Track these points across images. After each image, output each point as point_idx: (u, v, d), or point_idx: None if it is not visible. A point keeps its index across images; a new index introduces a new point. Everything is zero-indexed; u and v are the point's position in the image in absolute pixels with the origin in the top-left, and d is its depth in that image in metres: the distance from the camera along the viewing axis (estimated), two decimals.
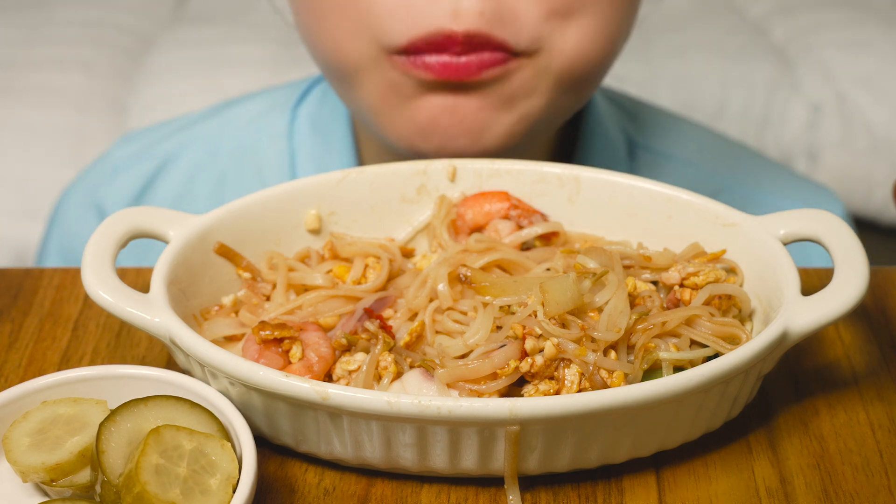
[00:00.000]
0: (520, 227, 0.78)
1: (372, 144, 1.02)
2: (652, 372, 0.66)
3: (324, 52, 0.88)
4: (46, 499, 0.64)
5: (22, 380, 0.74)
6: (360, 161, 1.04)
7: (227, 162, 1.10)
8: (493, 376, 0.65)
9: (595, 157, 1.04)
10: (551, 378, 0.66)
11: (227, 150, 1.10)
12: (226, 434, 0.63)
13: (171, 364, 0.75)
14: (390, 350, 0.69)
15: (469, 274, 0.71)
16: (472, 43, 0.80)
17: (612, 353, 0.67)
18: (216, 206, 1.05)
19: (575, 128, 1.06)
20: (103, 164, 1.14)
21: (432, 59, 0.81)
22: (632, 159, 1.09)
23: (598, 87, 0.93)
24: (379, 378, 0.68)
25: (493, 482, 0.66)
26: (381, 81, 0.85)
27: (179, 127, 1.15)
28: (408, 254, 0.79)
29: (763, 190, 1.10)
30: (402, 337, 0.70)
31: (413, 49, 0.82)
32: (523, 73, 0.84)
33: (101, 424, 0.61)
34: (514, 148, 0.90)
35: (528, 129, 0.87)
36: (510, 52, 0.82)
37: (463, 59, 0.81)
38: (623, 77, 2.05)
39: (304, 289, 0.75)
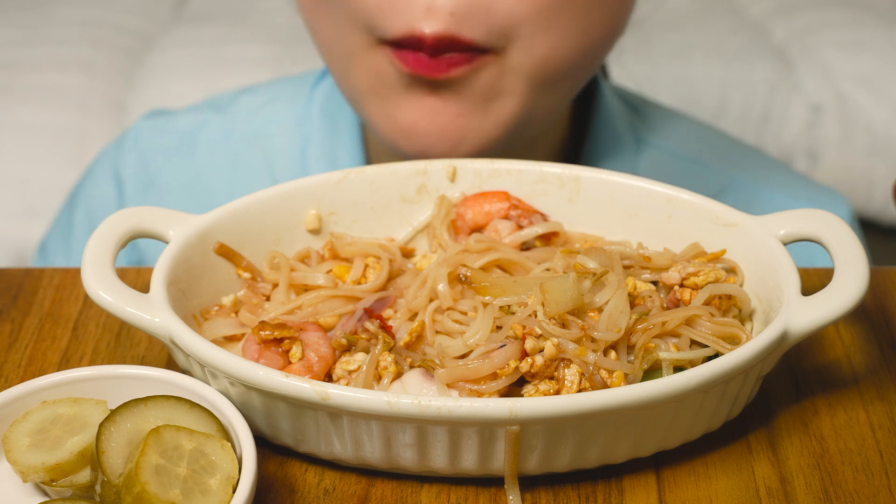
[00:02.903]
0: (520, 227, 0.78)
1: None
2: (652, 372, 0.66)
3: (320, 39, 0.91)
4: (46, 499, 0.64)
5: (22, 380, 0.74)
6: (367, 150, 1.05)
7: (240, 147, 1.11)
8: (493, 376, 0.65)
9: (603, 152, 1.05)
10: (551, 378, 0.66)
11: (240, 135, 1.11)
12: (226, 434, 0.63)
13: (171, 364, 0.75)
14: (390, 350, 0.69)
15: (469, 274, 0.71)
16: (440, 46, 0.83)
17: (612, 353, 0.67)
18: (230, 188, 1.03)
19: (584, 121, 1.06)
20: (127, 138, 1.16)
21: (411, 54, 0.84)
22: (638, 155, 1.09)
23: (582, 85, 0.94)
24: (379, 378, 0.68)
25: (493, 482, 0.66)
26: (371, 69, 0.88)
27: (201, 109, 1.16)
28: (408, 254, 0.79)
29: (769, 188, 1.10)
30: (402, 337, 0.70)
31: (397, 44, 0.84)
32: (491, 70, 0.85)
33: (101, 424, 0.61)
34: (519, 145, 0.91)
35: (507, 133, 0.89)
36: (479, 51, 0.84)
37: (436, 61, 0.84)
38: (623, 77, 2.05)
39: (305, 289, 0.76)
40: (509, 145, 0.90)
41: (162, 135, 1.14)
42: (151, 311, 0.68)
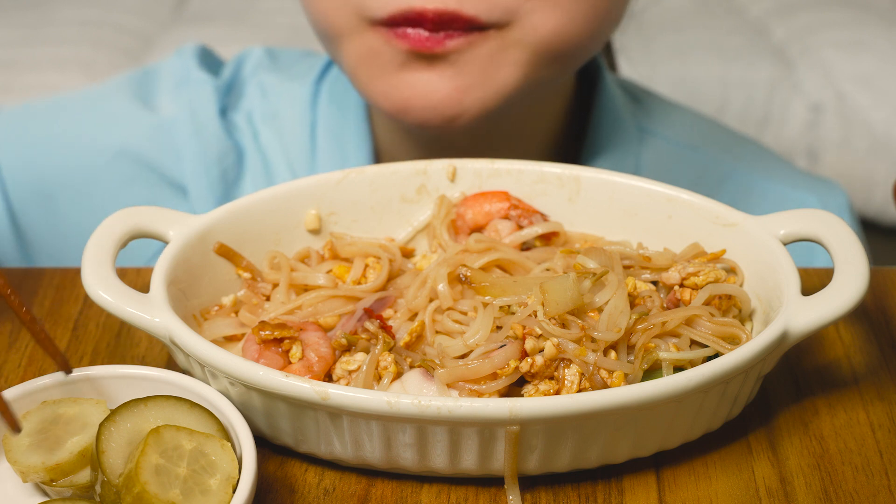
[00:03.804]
0: (520, 227, 0.78)
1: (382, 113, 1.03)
2: (652, 372, 0.66)
3: (311, 17, 0.91)
4: (46, 499, 0.64)
5: (22, 380, 0.74)
6: (374, 135, 1.04)
7: (261, 126, 1.10)
8: (493, 376, 0.65)
9: (606, 140, 1.05)
10: (551, 378, 0.66)
11: (259, 114, 1.10)
12: (226, 434, 0.63)
13: (171, 364, 0.75)
14: (390, 350, 0.69)
15: (469, 274, 0.71)
16: (441, 20, 0.83)
17: (612, 353, 0.67)
18: (254, 165, 1.03)
19: (586, 110, 1.06)
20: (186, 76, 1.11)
21: (410, 31, 0.84)
22: (641, 143, 1.09)
23: (587, 60, 0.94)
24: (379, 378, 0.68)
25: (493, 482, 0.66)
26: (362, 47, 0.87)
27: (234, 74, 1.15)
28: (408, 254, 0.79)
29: (770, 178, 1.10)
30: (402, 337, 0.70)
31: (392, 22, 0.84)
32: (490, 44, 0.85)
33: (101, 424, 0.61)
34: (519, 129, 0.90)
35: (505, 102, 0.89)
36: (480, 27, 0.84)
37: (434, 35, 0.84)
38: (623, 77, 2.05)
39: (305, 289, 0.76)
40: (508, 122, 0.90)
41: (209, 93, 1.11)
42: (151, 311, 0.68)
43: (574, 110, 1.06)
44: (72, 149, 1.06)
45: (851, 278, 0.68)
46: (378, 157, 1.04)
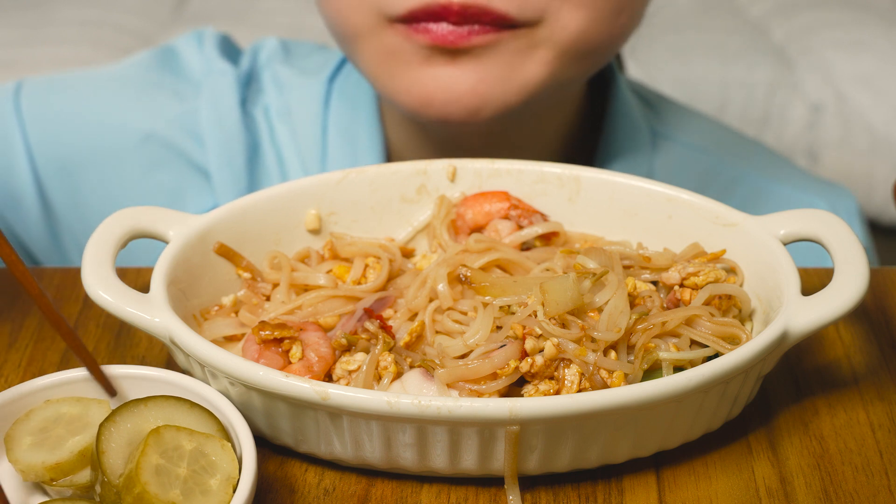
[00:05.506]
0: (520, 227, 0.78)
1: (394, 112, 1.02)
2: (652, 372, 0.66)
3: (328, 17, 0.91)
4: (46, 499, 0.64)
5: (22, 380, 0.74)
6: (385, 132, 1.04)
7: (276, 122, 1.10)
8: (493, 376, 0.65)
9: (621, 143, 1.05)
10: (551, 378, 0.66)
11: (275, 110, 1.10)
12: (226, 434, 0.63)
13: (171, 364, 0.75)
14: (390, 350, 0.69)
15: (469, 274, 0.71)
16: (466, 14, 0.82)
17: (612, 353, 0.67)
18: (265, 159, 1.04)
19: (599, 112, 1.07)
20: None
21: (432, 26, 0.83)
22: (654, 147, 1.09)
23: (609, 60, 0.94)
24: (379, 378, 0.68)
25: (493, 482, 0.66)
26: (380, 47, 0.87)
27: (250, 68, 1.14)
28: (408, 254, 0.79)
29: (780, 182, 1.10)
30: (402, 337, 0.70)
31: (412, 18, 0.84)
32: (517, 43, 0.85)
33: (102, 425, 0.61)
34: (533, 132, 0.90)
35: (529, 100, 0.89)
36: (508, 25, 0.84)
37: (458, 29, 0.84)
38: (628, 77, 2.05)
39: (305, 289, 0.76)
40: (522, 125, 0.90)
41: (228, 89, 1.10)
42: (151, 311, 0.68)
43: (586, 114, 1.06)
44: (99, 129, 1.06)
45: (851, 278, 0.68)
46: (389, 157, 1.04)
